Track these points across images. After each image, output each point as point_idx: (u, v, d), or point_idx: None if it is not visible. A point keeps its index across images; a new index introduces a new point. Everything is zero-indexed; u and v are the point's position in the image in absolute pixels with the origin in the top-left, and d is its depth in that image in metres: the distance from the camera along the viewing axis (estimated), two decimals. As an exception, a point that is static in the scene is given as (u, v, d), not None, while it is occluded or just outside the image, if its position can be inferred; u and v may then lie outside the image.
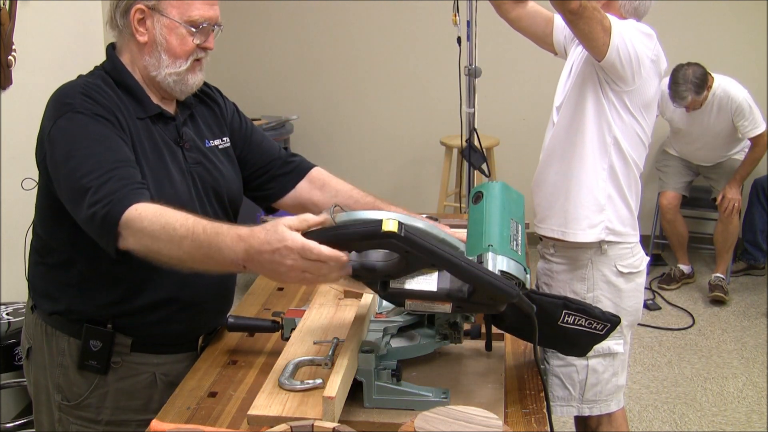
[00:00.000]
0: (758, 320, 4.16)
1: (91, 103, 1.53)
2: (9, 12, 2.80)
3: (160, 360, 1.68)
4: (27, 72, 2.93)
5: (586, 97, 2.10)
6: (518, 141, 4.90)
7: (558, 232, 2.19)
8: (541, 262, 2.32)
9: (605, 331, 1.54)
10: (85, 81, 1.59)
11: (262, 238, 1.27)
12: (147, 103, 1.63)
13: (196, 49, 1.64)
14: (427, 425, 1.17)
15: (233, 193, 1.79)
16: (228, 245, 1.30)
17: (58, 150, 1.50)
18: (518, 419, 1.46)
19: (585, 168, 2.13)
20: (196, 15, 1.61)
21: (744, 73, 4.49)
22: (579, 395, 2.23)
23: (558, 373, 2.23)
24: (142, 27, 1.60)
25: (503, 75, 4.76)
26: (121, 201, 1.41)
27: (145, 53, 1.62)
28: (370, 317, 1.60)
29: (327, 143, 5.27)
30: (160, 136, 1.64)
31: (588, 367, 2.20)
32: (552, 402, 2.25)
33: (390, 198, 1.92)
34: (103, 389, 1.65)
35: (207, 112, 1.79)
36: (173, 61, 1.62)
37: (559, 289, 2.23)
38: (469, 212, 1.62)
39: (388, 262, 1.36)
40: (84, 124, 1.50)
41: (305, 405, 1.44)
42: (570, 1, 1.88)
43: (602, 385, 2.23)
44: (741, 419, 3.23)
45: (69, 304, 1.64)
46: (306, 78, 5.21)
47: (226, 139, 1.80)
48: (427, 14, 4.89)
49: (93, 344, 1.62)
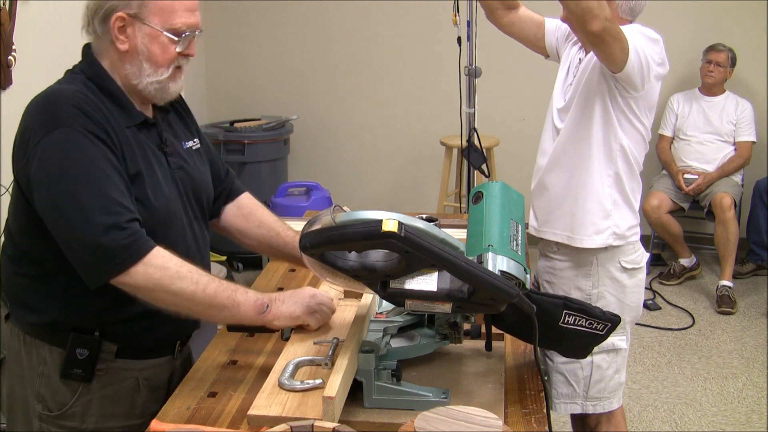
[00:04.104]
0: (758, 320, 4.16)
1: (84, 119, 1.48)
2: (9, 12, 2.80)
3: (142, 365, 1.65)
4: (27, 72, 2.93)
5: (594, 104, 2.09)
6: (518, 141, 4.90)
7: (563, 236, 2.19)
8: (543, 260, 2.32)
9: (606, 330, 1.54)
10: (73, 91, 1.53)
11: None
12: (132, 111, 1.60)
13: (177, 56, 1.59)
14: (427, 425, 1.17)
15: (209, 194, 1.79)
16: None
17: (49, 165, 1.46)
18: (518, 419, 1.46)
19: (591, 175, 2.14)
20: (179, 23, 1.57)
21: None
22: (583, 392, 2.23)
23: (562, 370, 2.22)
24: (123, 35, 1.55)
25: (503, 75, 4.76)
26: (148, 240, 1.48)
27: (125, 61, 1.57)
28: (370, 317, 1.60)
29: (327, 143, 5.27)
30: (146, 143, 1.61)
31: (593, 363, 2.20)
32: (556, 399, 2.25)
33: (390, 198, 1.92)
34: (87, 397, 1.61)
35: (175, 114, 1.76)
36: (155, 69, 1.58)
37: (563, 285, 2.23)
38: (469, 212, 1.62)
39: (388, 262, 1.37)
40: (79, 144, 1.46)
41: (305, 405, 1.44)
42: (591, 24, 1.86)
43: (606, 382, 2.23)
44: (741, 419, 3.23)
45: (53, 317, 1.59)
46: (306, 78, 5.20)
47: (197, 140, 1.78)
48: (427, 14, 4.89)
49: (79, 352, 1.57)
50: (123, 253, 1.44)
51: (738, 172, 4.55)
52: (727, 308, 4.24)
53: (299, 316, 1.68)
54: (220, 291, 1.53)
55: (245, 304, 1.57)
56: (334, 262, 1.40)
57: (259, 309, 1.59)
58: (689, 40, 4.61)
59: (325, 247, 1.38)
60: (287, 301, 1.67)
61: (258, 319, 1.60)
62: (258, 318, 1.60)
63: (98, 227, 1.43)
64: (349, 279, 1.44)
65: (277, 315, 1.63)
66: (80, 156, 1.46)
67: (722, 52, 4.48)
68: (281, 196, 4.58)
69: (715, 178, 4.47)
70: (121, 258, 1.44)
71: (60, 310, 1.58)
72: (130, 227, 1.46)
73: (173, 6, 1.56)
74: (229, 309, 1.55)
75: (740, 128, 4.50)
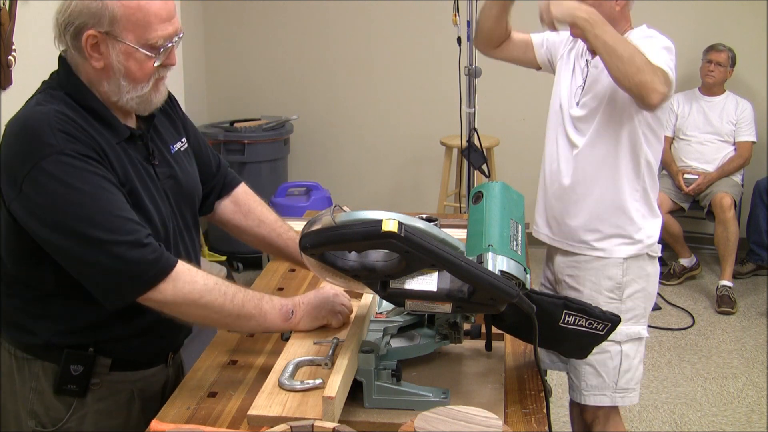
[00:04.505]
0: (758, 320, 4.16)
1: (74, 143, 1.40)
2: (9, 12, 2.79)
3: (136, 376, 1.62)
4: (27, 72, 2.92)
5: (621, 124, 2.11)
6: (518, 141, 4.90)
7: (590, 249, 2.22)
8: (562, 256, 2.30)
9: (606, 330, 1.54)
10: (54, 113, 1.43)
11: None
12: (117, 126, 1.51)
13: (157, 69, 1.49)
14: (427, 425, 1.17)
15: (199, 193, 1.74)
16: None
17: (49, 197, 1.39)
18: (518, 419, 1.46)
19: (621, 194, 2.17)
20: (155, 37, 1.45)
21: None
22: (613, 383, 2.24)
23: (591, 362, 2.22)
24: (96, 52, 1.45)
25: (503, 75, 4.72)
26: (170, 255, 1.46)
27: (102, 78, 1.48)
28: (370, 317, 1.60)
29: (327, 143, 5.27)
30: (135, 157, 1.54)
31: (621, 352, 2.21)
32: (585, 392, 2.26)
33: (390, 198, 1.92)
34: (82, 411, 1.56)
35: (162, 114, 1.67)
36: (134, 86, 1.48)
37: (591, 277, 2.23)
38: (469, 212, 1.62)
39: (388, 262, 1.36)
40: (76, 168, 1.40)
41: (305, 405, 1.44)
42: (650, 98, 1.90)
43: (633, 372, 2.25)
44: (741, 419, 3.23)
45: (48, 338, 1.54)
46: (306, 78, 5.20)
47: (184, 140, 1.71)
48: (427, 14, 4.89)
49: (74, 368, 1.53)
50: (152, 269, 1.41)
51: (738, 172, 4.56)
52: (727, 308, 4.24)
53: (324, 317, 1.70)
54: (247, 301, 1.53)
55: (271, 312, 1.57)
56: (334, 262, 1.40)
57: (285, 316, 1.59)
58: (689, 40, 4.61)
59: (325, 247, 1.37)
60: (311, 304, 1.68)
61: (285, 326, 1.61)
62: (284, 325, 1.61)
63: (121, 246, 1.39)
64: (349, 279, 1.44)
65: (302, 318, 1.66)
66: (80, 180, 1.40)
67: (722, 52, 4.48)
68: (281, 196, 4.58)
69: (715, 178, 4.48)
70: (150, 274, 1.41)
71: (54, 331, 1.53)
72: (151, 242, 1.43)
73: (147, 20, 1.44)
74: (257, 318, 1.55)
75: (740, 128, 4.51)
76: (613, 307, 2.15)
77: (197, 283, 1.46)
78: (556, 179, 2.25)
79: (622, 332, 2.19)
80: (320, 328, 1.71)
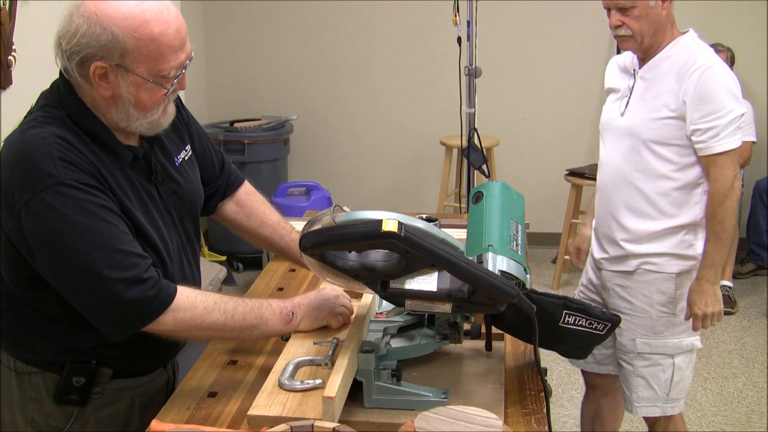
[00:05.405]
0: (758, 320, 4.16)
1: (74, 170, 1.36)
2: (9, 12, 2.80)
3: (137, 383, 1.61)
4: (27, 72, 2.93)
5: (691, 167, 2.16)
6: (518, 141, 4.90)
7: (642, 266, 2.22)
8: (611, 265, 2.30)
9: (606, 330, 1.54)
10: (54, 138, 1.38)
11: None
12: (120, 152, 1.47)
13: (168, 94, 1.45)
14: (427, 425, 1.17)
15: (201, 200, 1.72)
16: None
17: (49, 229, 1.36)
18: (518, 419, 1.46)
19: (682, 222, 2.19)
20: (167, 68, 1.40)
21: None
22: (664, 394, 2.25)
23: (644, 374, 2.24)
24: (105, 81, 1.39)
25: (503, 75, 4.76)
26: (169, 285, 1.44)
27: (110, 105, 1.43)
28: (370, 317, 1.60)
29: (327, 143, 5.27)
30: (137, 179, 1.50)
31: (674, 365, 2.22)
32: (636, 403, 2.28)
33: (390, 198, 1.92)
34: (82, 420, 1.55)
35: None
36: (144, 114, 1.44)
37: (642, 290, 2.23)
38: (469, 212, 1.62)
39: (388, 262, 1.37)
40: (76, 199, 1.36)
41: (305, 405, 1.44)
42: (726, 227, 2.06)
43: (684, 382, 2.26)
44: (741, 419, 3.23)
45: (50, 355, 1.52)
46: (306, 78, 5.20)
47: (188, 147, 1.67)
48: (427, 14, 4.89)
49: (76, 380, 1.52)
50: (150, 305, 1.41)
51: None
52: (727, 308, 4.23)
53: (324, 318, 1.70)
54: (248, 312, 1.53)
55: (272, 319, 1.57)
56: (334, 262, 1.40)
57: (285, 319, 1.60)
58: (689, 40, 4.61)
59: (325, 247, 1.38)
60: (311, 305, 1.68)
61: (286, 329, 1.62)
62: (286, 328, 1.61)
63: (119, 284, 1.37)
64: (349, 279, 1.44)
65: (302, 320, 1.66)
66: (80, 213, 1.36)
67: (722, 52, 4.47)
68: (281, 196, 4.58)
69: None
70: (148, 310, 1.41)
71: (58, 350, 1.52)
72: (150, 277, 1.41)
73: (160, 52, 1.38)
74: (259, 327, 1.55)
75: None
76: (666, 321, 2.19)
77: (197, 308, 1.47)
78: (615, 204, 2.27)
79: (675, 345, 2.21)
80: (320, 328, 1.71)
